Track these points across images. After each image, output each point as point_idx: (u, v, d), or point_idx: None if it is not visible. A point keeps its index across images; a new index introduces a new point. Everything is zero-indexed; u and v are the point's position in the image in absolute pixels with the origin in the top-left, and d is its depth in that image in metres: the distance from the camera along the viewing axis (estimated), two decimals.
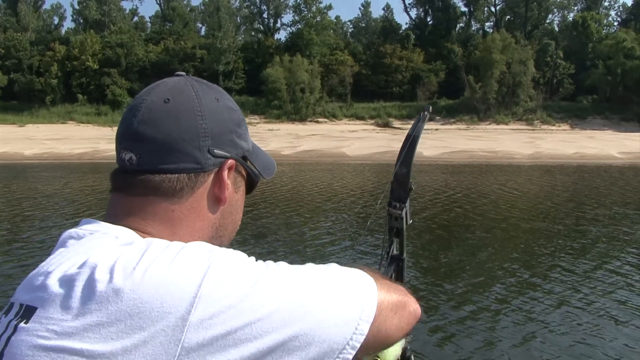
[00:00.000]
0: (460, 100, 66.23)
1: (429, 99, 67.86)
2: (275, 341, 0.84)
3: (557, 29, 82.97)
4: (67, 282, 0.85)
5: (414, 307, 1.07)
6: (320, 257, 10.94)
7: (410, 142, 1.53)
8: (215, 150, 1.05)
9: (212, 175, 1.06)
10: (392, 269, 1.68)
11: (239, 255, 0.92)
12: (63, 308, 0.82)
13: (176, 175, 1.02)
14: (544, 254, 11.84)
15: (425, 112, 1.58)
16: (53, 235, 12.48)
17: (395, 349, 1.47)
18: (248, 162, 1.15)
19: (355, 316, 0.93)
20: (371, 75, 72.09)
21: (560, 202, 19.53)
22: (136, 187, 1.03)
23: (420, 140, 1.64)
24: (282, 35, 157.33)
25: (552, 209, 17.85)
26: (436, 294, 9.13)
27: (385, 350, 1.40)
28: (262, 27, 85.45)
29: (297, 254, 11.69)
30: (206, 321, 0.81)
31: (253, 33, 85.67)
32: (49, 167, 30.50)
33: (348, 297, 0.94)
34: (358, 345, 0.91)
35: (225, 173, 1.07)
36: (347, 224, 15.02)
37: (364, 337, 0.92)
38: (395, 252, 1.68)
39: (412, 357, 1.59)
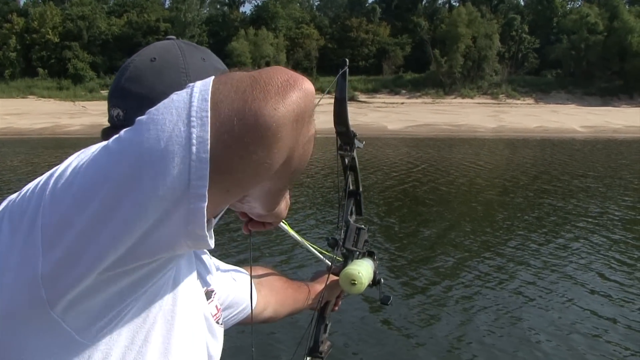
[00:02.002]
0: (426, 74, 66.33)
1: (394, 72, 68.01)
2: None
3: (522, 3, 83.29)
4: None
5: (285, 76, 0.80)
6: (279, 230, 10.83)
7: (340, 105, 1.53)
8: None
9: None
10: (351, 203, 1.76)
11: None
12: None
13: None
14: (503, 227, 11.93)
15: (345, 68, 1.51)
16: None
17: (369, 273, 1.64)
18: None
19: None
20: (337, 49, 71.63)
21: (521, 175, 19.65)
22: None
23: (385, 114, 1.62)
24: (247, 9, 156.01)
25: (512, 182, 18.01)
26: (389, 268, 9.04)
27: (359, 275, 1.58)
28: (227, 0, 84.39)
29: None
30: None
31: (218, 6, 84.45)
32: (8, 143, 29.96)
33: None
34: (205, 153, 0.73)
35: None
36: (306, 197, 14.94)
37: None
38: (351, 187, 1.76)
39: (382, 280, 1.80)
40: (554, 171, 20.48)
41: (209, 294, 1.28)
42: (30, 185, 0.86)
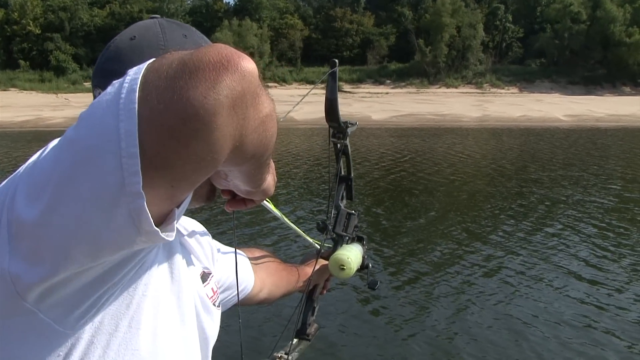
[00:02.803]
0: (410, 64, 66.34)
1: (379, 62, 68.02)
2: None
3: None
4: None
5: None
6: (264, 221, 10.82)
7: (332, 104, 1.55)
8: None
9: None
10: (342, 188, 1.79)
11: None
12: None
13: None
14: (488, 217, 11.95)
15: (335, 69, 1.53)
16: None
17: (358, 258, 1.69)
18: None
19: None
20: (321, 39, 71.62)
21: (506, 165, 19.74)
22: None
23: (369, 104, 1.63)
24: None
25: (497, 172, 18.06)
26: (376, 259, 8.99)
27: (349, 260, 1.62)
28: None
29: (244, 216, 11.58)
30: None
31: None
32: None
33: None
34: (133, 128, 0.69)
35: None
36: (294, 188, 14.91)
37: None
38: (343, 173, 1.79)
39: (370, 265, 1.82)
40: (538, 160, 20.57)
41: (205, 276, 1.27)
42: (5, 180, 0.86)
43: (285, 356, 1.70)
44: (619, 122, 37.02)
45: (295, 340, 1.77)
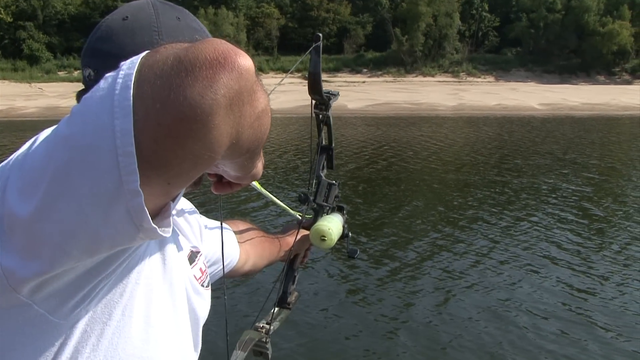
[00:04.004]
0: (387, 53, 66.32)
1: (355, 51, 67.95)
2: None
3: None
4: None
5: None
6: (246, 212, 10.81)
7: (315, 79, 1.56)
8: None
9: None
10: (324, 158, 1.81)
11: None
12: None
13: None
14: (462, 207, 11.98)
15: (318, 44, 1.52)
16: None
17: (338, 229, 1.72)
18: None
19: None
20: (298, 28, 71.30)
21: (482, 153, 19.86)
22: None
23: (346, 93, 1.65)
24: None
25: (473, 161, 18.19)
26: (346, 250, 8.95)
27: (330, 231, 1.64)
28: None
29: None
30: None
31: None
32: None
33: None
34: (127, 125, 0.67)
35: None
36: (273, 172, 14.87)
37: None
38: (324, 143, 1.80)
39: (349, 234, 1.84)
40: (514, 149, 20.72)
41: (193, 256, 1.29)
42: None
43: (267, 326, 1.73)
44: (593, 110, 37.34)
45: (276, 309, 1.80)
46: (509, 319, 6.48)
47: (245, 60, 0.72)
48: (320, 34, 1.53)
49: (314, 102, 1.68)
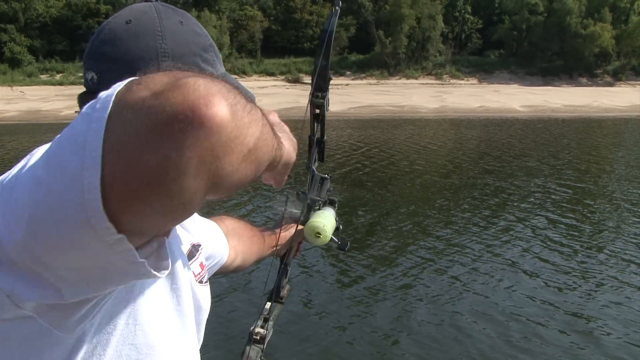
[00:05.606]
0: (370, 56, 66.50)
1: (339, 54, 67.92)
2: None
3: None
4: None
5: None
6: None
7: (328, 36, 1.59)
8: None
9: None
10: (316, 151, 1.79)
11: None
12: None
13: None
14: (444, 210, 11.95)
15: (337, 7, 1.67)
16: None
17: (332, 225, 1.71)
18: None
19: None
20: (281, 30, 71.34)
21: (464, 156, 19.91)
22: None
23: (328, 95, 1.70)
24: None
25: (455, 164, 18.21)
26: (325, 255, 8.69)
27: (324, 228, 1.64)
28: None
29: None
30: None
31: None
32: None
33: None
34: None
35: None
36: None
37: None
38: (317, 135, 1.79)
39: (340, 226, 1.83)
40: (495, 151, 20.76)
41: (195, 249, 1.30)
42: None
43: (262, 330, 1.68)
44: (575, 112, 37.67)
45: (269, 304, 1.79)
46: (474, 328, 6.39)
47: (216, 110, 0.62)
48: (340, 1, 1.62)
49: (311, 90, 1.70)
